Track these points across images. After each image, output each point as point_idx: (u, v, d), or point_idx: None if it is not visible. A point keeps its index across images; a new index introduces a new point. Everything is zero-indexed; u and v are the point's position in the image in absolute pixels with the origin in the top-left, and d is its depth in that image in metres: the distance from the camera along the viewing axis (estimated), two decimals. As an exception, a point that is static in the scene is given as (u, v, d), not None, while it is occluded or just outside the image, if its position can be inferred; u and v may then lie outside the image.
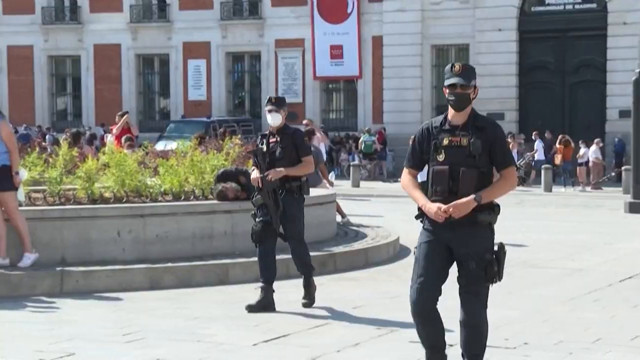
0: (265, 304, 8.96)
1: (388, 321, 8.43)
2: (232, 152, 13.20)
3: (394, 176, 33.99)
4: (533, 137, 33.49)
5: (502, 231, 7.44)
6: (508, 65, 36.18)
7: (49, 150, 16.07)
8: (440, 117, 5.99)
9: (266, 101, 9.34)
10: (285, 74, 39.81)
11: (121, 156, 11.91)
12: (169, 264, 10.63)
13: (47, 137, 34.42)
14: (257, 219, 9.03)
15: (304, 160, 9.10)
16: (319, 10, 38.88)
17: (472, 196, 5.70)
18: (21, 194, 10.51)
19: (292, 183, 9.02)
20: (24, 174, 10.61)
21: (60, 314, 9.00)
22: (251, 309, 8.90)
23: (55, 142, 24.31)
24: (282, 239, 9.17)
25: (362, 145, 35.74)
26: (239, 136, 15.20)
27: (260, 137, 9.37)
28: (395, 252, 13.17)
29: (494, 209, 5.88)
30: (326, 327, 8.37)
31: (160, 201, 11.42)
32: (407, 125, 35.64)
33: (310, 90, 39.55)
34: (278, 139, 9.09)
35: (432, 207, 5.78)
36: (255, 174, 9.08)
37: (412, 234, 14.97)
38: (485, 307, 5.94)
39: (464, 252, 5.80)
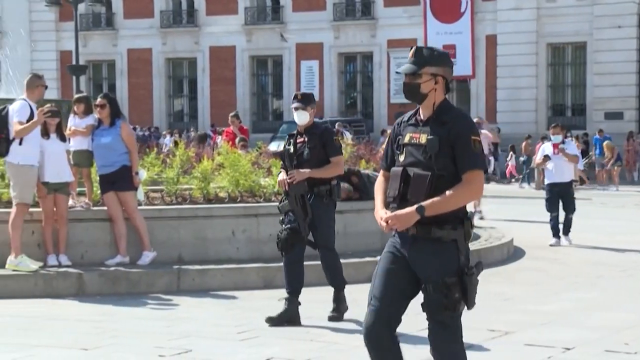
0: (288, 317, 8.33)
1: (502, 323, 8.31)
2: (343, 153, 13.24)
3: (506, 177, 33.51)
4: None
5: (626, 231, 7.21)
6: (628, 63, 35.24)
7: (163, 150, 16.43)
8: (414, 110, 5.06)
9: (292, 98, 8.70)
10: (397, 74, 39.68)
11: (235, 157, 12.09)
12: (282, 264, 10.71)
13: (161, 139, 35.16)
14: (283, 226, 8.35)
15: (332, 161, 8.42)
16: (432, 10, 38.65)
17: (414, 206, 4.70)
18: (140, 193, 10.79)
19: (320, 187, 8.36)
20: (143, 174, 10.89)
21: (177, 311, 9.20)
22: (272, 321, 8.28)
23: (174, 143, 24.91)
24: (311, 247, 8.52)
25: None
26: (351, 136, 15.21)
27: (287, 137, 8.69)
28: (509, 253, 12.98)
29: (462, 222, 4.80)
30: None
31: (273, 201, 11.53)
32: (522, 125, 35.10)
33: (423, 90, 39.32)
34: (306, 139, 8.44)
35: (377, 216, 4.92)
36: (281, 176, 8.46)
37: (527, 235, 14.80)
38: (457, 341, 4.93)
39: (423, 273, 4.82)
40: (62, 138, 10.55)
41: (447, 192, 4.70)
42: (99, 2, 37.35)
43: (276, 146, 26.27)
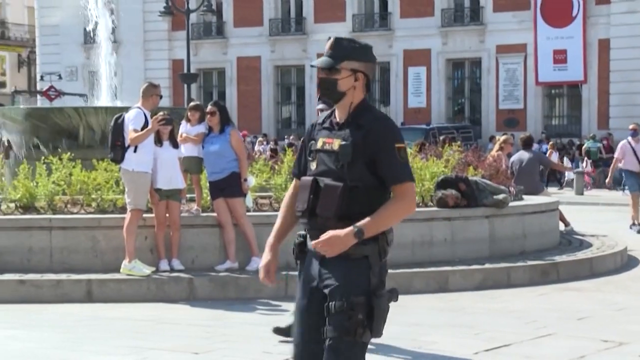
0: None
1: (615, 334, 8.12)
2: (451, 159, 13.16)
3: (620, 184, 32.68)
4: None
5: None
6: None
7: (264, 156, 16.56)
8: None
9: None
10: (506, 79, 39.21)
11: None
12: (389, 270, 10.69)
13: (257, 146, 35.50)
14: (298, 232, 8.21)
15: None
16: (542, 15, 38.04)
17: (350, 228, 4.06)
18: (249, 200, 10.93)
19: None
20: (252, 181, 11.03)
21: (285, 317, 9.28)
22: (280, 332, 7.82)
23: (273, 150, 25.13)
24: None
25: (587, 152, 34.60)
26: (459, 143, 15.09)
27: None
28: (622, 262, 12.67)
29: (377, 237, 4.18)
30: (550, 337, 8.16)
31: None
32: (636, 131, 34.17)
33: (532, 96, 38.74)
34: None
35: (262, 260, 4.43)
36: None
37: (640, 244, 14.41)
38: None
39: (328, 291, 4.18)
40: (175, 145, 10.77)
41: (383, 210, 4.12)
42: (210, 12, 38.11)
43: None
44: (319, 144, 4.27)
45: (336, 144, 4.18)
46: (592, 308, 9.60)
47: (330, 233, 4.09)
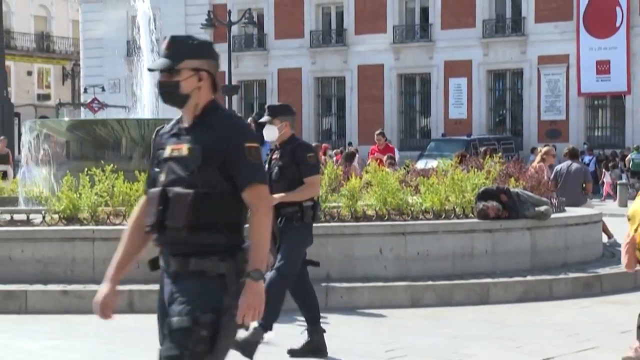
0: (312, 348, 7.59)
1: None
2: (492, 171, 13.09)
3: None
4: None
5: None
6: None
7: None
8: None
9: None
10: (548, 90, 38.96)
11: (383, 174, 12.12)
12: (430, 282, 10.69)
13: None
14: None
15: (306, 181, 7.48)
16: (585, 25, 37.77)
17: (250, 280, 3.78)
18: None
19: (286, 209, 7.41)
20: (292, 192, 11.04)
21: (325, 329, 9.27)
22: (292, 353, 7.63)
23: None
24: (312, 265, 7.89)
25: (630, 163, 34.25)
26: (500, 154, 15.01)
27: (269, 153, 7.84)
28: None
29: (235, 253, 3.84)
30: (593, 351, 8.08)
31: (421, 219, 11.51)
32: (680, 142, 33.78)
33: (575, 107, 38.45)
34: (278, 155, 7.63)
35: (98, 294, 4.10)
36: None
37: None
38: None
39: (170, 309, 3.91)
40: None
41: (252, 234, 3.80)
42: (251, 24, 38.36)
43: (424, 164, 26.22)
44: (168, 152, 3.98)
45: (185, 148, 3.90)
46: (636, 321, 9.47)
47: (244, 301, 3.75)
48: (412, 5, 42.02)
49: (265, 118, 7.64)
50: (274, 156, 7.62)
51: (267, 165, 7.49)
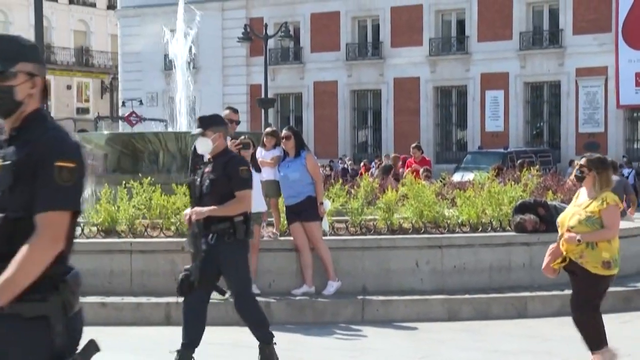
0: None
1: (700, 364, 7.91)
2: (530, 184, 13.02)
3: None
4: None
5: None
6: None
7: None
8: None
9: None
10: (586, 103, 38.67)
11: (419, 187, 12.10)
12: (467, 296, 10.64)
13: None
14: (184, 267, 7.40)
15: (237, 195, 7.28)
16: (624, 37, 37.46)
17: None
18: (326, 224, 10.96)
19: (217, 225, 7.22)
20: (328, 205, 11.06)
21: (362, 342, 9.26)
22: None
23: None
24: (218, 292, 7.59)
25: (670, 176, 33.86)
26: (537, 167, 14.92)
27: (202, 165, 7.64)
28: None
29: (57, 288, 3.29)
30: (631, 366, 7.99)
31: (457, 232, 11.47)
32: None
33: (613, 119, 38.12)
34: (210, 168, 7.43)
35: None
36: (186, 211, 7.50)
37: None
38: None
39: None
40: (257, 169, 10.87)
41: (14, 260, 3.18)
42: (287, 37, 38.48)
43: (460, 177, 26.17)
44: None
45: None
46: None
47: None
48: (448, 17, 41.96)
49: (196, 130, 7.42)
50: (206, 169, 7.41)
51: (199, 179, 7.40)
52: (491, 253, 11.18)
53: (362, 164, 35.75)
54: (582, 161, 7.64)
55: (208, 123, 7.44)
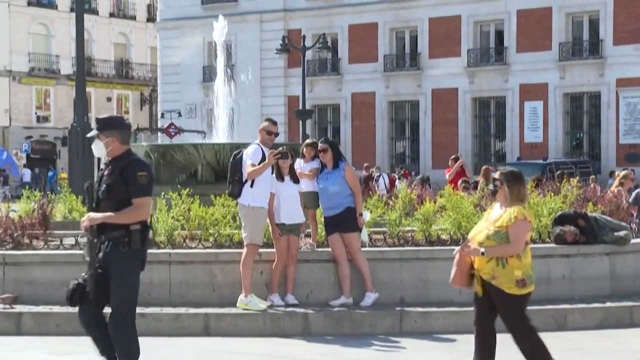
0: None
1: None
2: (570, 195, 12.91)
3: None
4: None
5: None
6: None
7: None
8: None
9: None
10: (627, 114, 38.30)
11: (457, 199, 12.05)
12: (506, 308, 10.53)
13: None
14: (81, 275, 7.09)
15: (134, 202, 6.86)
16: (665, 47, 37.11)
17: None
18: (364, 235, 10.95)
19: (112, 232, 6.82)
20: (367, 216, 11.05)
21: (401, 354, 9.23)
22: None
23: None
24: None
25: None
26: (577, 178, 14.79)
27: (102, 168, 7.19)
28: None
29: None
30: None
31: (496, 244, 11.37)
32: None
33: (655, 130, 37.74)
34: (108, 172, 6.98)
35: None
36: (85, 217, 7.06)
37: None
38: None
39: None
40: (296, 180, 10.89)
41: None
42: (325, 49, 38.58)
43: (499, 188, 25.98)
44: None
45: None
46: None
47: None
48: (486, 28, 41.81)
49: (92, 132, 7.13)
50: (106, 172, 6.98)
51: (97, 184, 7.04)
52: (530, 265, 11.07)
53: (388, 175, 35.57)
54: (496, 175, 7.35)
55: (103, 126, 7.05)
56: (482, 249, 7.02)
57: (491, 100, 42.00)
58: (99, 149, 7.04)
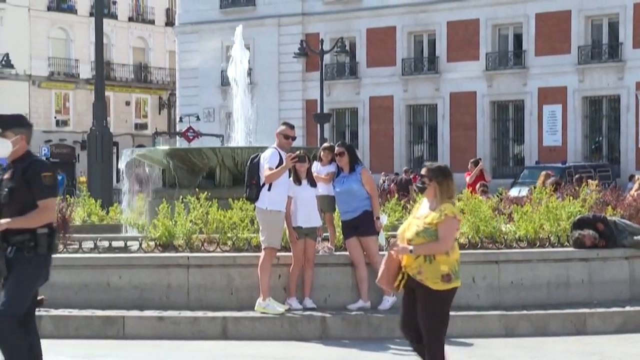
0: None
1: None
2: (589, 199, 12.86)
3: None
4: None
5: None
6: None
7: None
8: None
9: None
10: (649, 117, 38.13)
11: (476, 202, 12.02)
12: (524, 312, 10.52)
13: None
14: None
15: (39, 205, 6.47)
16: (684, 49, 36.91)
17: None
18: (382, 238, 10.94)
19: (16, 237, 6.43)
20: (384, 219, 11.05)
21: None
22: None
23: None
24: (38, 305, 6.73)
25: None
26: (596, 182, 14.72)
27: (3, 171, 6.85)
28: None
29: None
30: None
31: (514, 248, 11.36)
32: None
33: (675, 133, 37.56)
34: (10, 175, 6.59)
35: None
36: None
37: None
38: None
39: None
40: (313, 184, 10.90)
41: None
42: (343, 52, 38.60)
43: (517, 192, 25.95)
44: None
45: None
46: None
47: None
48: (505, 32, 41.71)
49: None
50: (6, 176, 6.59)
51: None
52: (549, 269, 11.05)
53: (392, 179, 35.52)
54: (423, 171, 7.10)
55: (9, 123, 6.64)
56: (411, 247, 6.84)
57: (510, 104, 41.88)
58: (4, 148, 6.57)
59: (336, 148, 11.07)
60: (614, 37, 39.40)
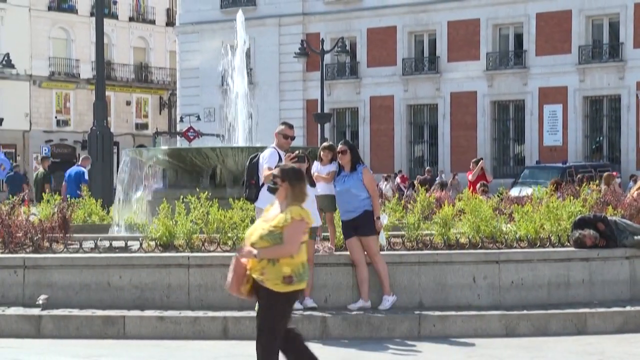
0: None
1: None
2: (589, 199, 12.86)
3: None
4: None
5: None
6: None
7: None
8: None
9: None
10: (649, 116, 38.14)
11: (476, 202, 12.02)
12: (524, 312, 10.52)
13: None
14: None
15: None
16: (685, 49, 36.91)
17: None
18: (383, 238, 10.94)
19: None
20: (385, 219, 11.04)
21: (418, 358, 9.21)
22: None
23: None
24: None
25: None
26: (597, 182, 14.72)
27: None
28: None
29: None
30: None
31: (515, 247, 11.36)
32: None
33: (675, 133, 37.56)
34: None
35: None
36: None
37: None
38: None
39: None
40: (312, 183, 10.88)
41: None
42: (344, 52, 38.60)
43: (517, 191, 25.96)
44: None
45: None
46: None
47: None
48: (506, 31, 41.71)
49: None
50: None
51: None
52: (549, 268, 11.05)
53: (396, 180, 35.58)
54: (276, 171, 7.00)
55: None
56: (255, 251, 6.75)
57: (510, 104, 41.88)
58: None
59: (339, 146, 11.07)
60: (614, 37, 39.40)
